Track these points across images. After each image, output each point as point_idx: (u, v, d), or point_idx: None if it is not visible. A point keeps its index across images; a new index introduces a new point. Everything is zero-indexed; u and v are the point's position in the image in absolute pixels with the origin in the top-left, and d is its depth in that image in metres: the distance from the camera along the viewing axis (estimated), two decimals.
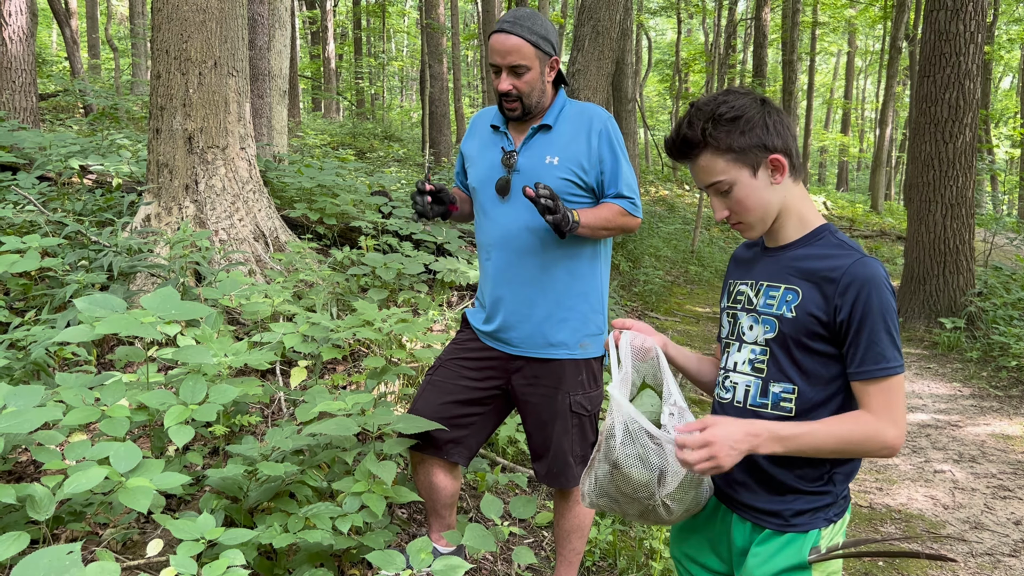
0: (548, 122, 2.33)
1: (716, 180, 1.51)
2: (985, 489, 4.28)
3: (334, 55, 24.37)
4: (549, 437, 2.39)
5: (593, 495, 1.59)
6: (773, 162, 1.50)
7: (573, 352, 2.36)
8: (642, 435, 1.44)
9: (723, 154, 1.49)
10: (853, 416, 1.44)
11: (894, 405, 1.42)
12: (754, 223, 1.54)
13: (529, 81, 2.25)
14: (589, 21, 7.03)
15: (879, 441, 1.42)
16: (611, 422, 1.48)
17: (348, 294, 4.50)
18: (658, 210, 15.75)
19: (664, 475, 1.46)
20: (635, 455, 1.45)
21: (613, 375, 1.54)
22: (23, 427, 1.88)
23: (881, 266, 1.45)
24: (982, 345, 7.36)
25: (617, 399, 1.47)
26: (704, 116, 1.49)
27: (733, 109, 1.48)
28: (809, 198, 1.59)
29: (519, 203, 2.31)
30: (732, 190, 1.51)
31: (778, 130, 1.50)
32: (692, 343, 7.36)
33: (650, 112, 36.67)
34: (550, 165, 2.29)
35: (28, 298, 3.78)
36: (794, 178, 1.54)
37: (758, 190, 1.51)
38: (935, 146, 7.99)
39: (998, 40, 23.81)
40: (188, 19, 4.33)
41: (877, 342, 1.41)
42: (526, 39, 2.22)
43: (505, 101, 2.28)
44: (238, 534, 1.93)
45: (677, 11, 22.87)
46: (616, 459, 1.47)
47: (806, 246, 1.53)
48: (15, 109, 7.93)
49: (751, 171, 1.49)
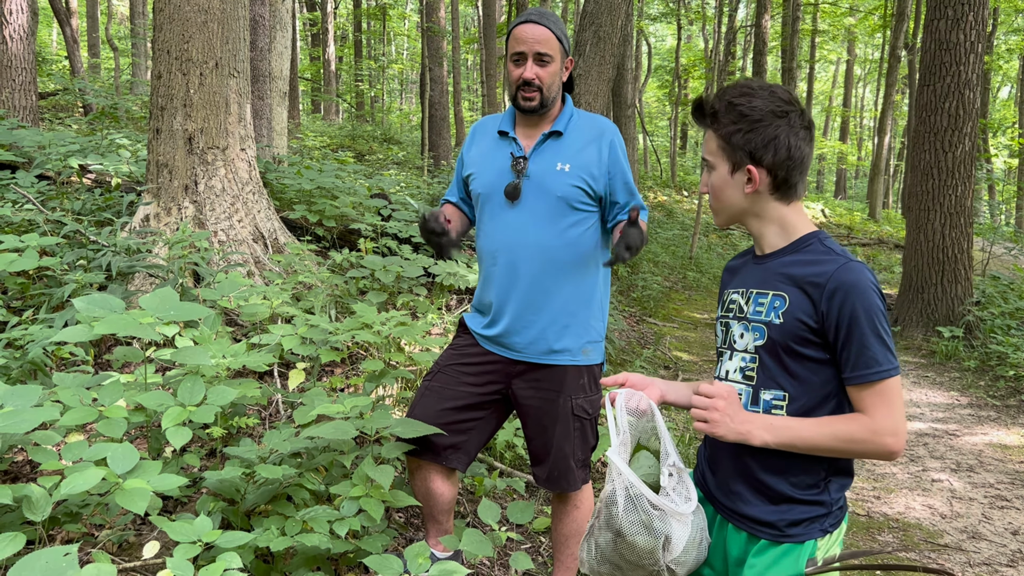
0: (559, 128, 2.34)
1: (706, 156, 1.56)
2: (983, 499, 4.27)
3: (334, 57, 24.39)
4: (550, 441, 2.39)
5: (594, 562, 1.56)
6: (749, 172, 1.50)
7: (576, 358, 2.36)
8: (643, 502, 1.44)
9: (718, 138, 1.53)
10: (852, 416, 1.44)
11: (891, 407, 1.41)
12: (719, 211, 1.59)
13: (552, 73, 2.30)
14: (591, 26, 7.04)
15: (877, 443, 1.41)
16: (611, 488, 1.47)
17: (347, 296, 4.50)
18: (657, 216, 15.76)
19: (669, 541, 1.45)
20: (639, 522, 1.44)
21: (612, 440, 1.52)
22: (20, 427, 1.87)
23: (867, 270, 1.45)
24: (980, 354, 7.37)
25: (617, 465, 1.46)
26: (726, 98, 1.51)
27: (749, 107, 1.48)
28: (801, 212, 1.57)
29: (528, 209, 2.31)
30: (712, 173, 1.56)
31: (777, 148, 1.48)
32: (690, 349, 7.36)
33: (649, 118, 36.73)
34: (561, 172, 2.30)
35: (26, 297, 3.77)
36: (778, 196, 1.53)
37: (730, 187, 1.54)
38: (934, 155, 8.01)
39: (997, 50, 23.90)
40: (190, 19, 4.33)
41: (868, 346, 1.41)
42: (553, 31, 2.29)
43: (524, 91, 2.30)
44: (235, 537, 1.92)
45: (677, 17, 22.92)
46: (620, 527, 1.45)
47: (793, 253, 1.53)
48: (15, 107, 7.92)
49: (731, 167, 1.53)
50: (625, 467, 1.46)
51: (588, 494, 2.51)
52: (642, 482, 1.46)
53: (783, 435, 1.44)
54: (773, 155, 1.48)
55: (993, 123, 24.28)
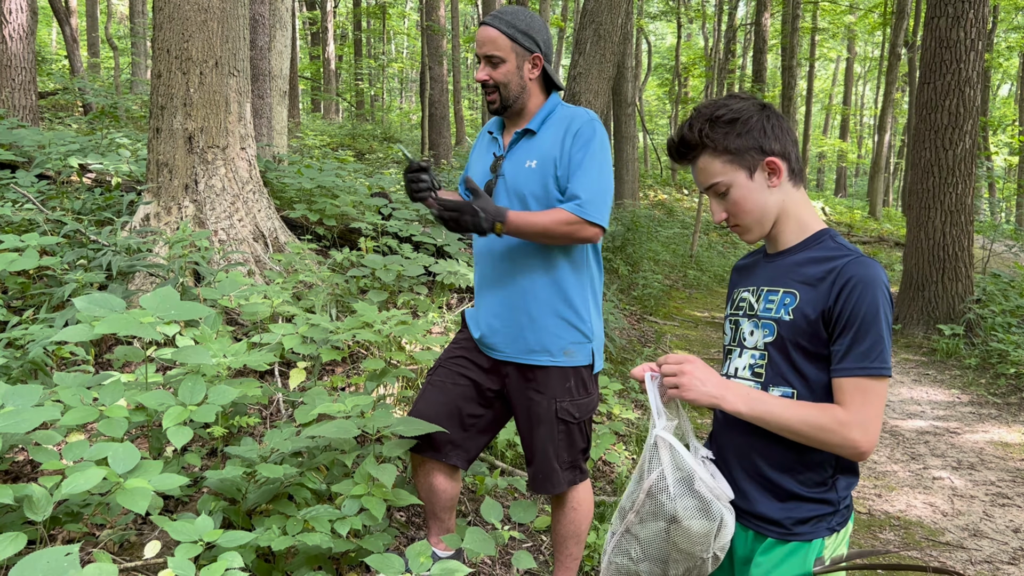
0: (532, 127, 2.33)
1: (714, 182, 1.52)
2: (984, 496, 4.27)
3: (334, 56, 24.38)
4: (535, 442, 2.38)
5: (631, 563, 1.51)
6: (769, 164, 1.51)
7: (556, 359, 2.33)
8: (700, 484, 1.41)
9: (720, 155, 1.51)
10: (823, 404, 1.43)
11: (867, 404, 1.39)
12: (751, 225, 1.55)
13: (505, 73, 2.28)
14: (591, 25, 7.04)
15: (843, 435, 1.38)
16: (658, 474, 1.43)
17: (347, 295, 4.49)
18: (657, 214, 15.76)
19: (723, 524, 1.44)
20: (694, 507, 1.41)
21: (656, 422, 1.46)
22: (21, 427, 1.86)
23: (880, 268, 1.44)
24: (980, 352, 7.36)
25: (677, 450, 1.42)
26: (703, 118, 1.51)
27: (731, 112, 1.50)
28: (809, 203, 1.59)
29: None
30: (729, 192, 1.52)
31: (776, 134, 1.51)
32: (691, 347, 7.36)
33: (649, 116, 36.71)
34: (529, 169, 2.29)
35: (26, 296, 3.77)
36: (794, 182, 1.54)
37: (754, 192, 1.52)
38: (935, 153, 8.01)
39: (997, 48, 23.88)
40: (189, 18, 4.32)
41: (862, 341, 1.39)
42: (503, 31, 2.27)
43: (485, 93, 2.34)
44: (236, 536, 1.92)
45: (677, 15, 22.92)
46: (675, 513, 1.42)
47: (806, 250, 1.53)
48: (14, 107, 7.91)
49: (747, 173, 1.51)
50: (683, 452, 1.42)
51: (585, 495, 2.50)
52: (699, 464, 1.43)
53: (756, 407, 1.43)
54: (776, 141, 1.51)
55: (993, 121, 24.26)
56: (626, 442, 4.31)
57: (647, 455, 1.46)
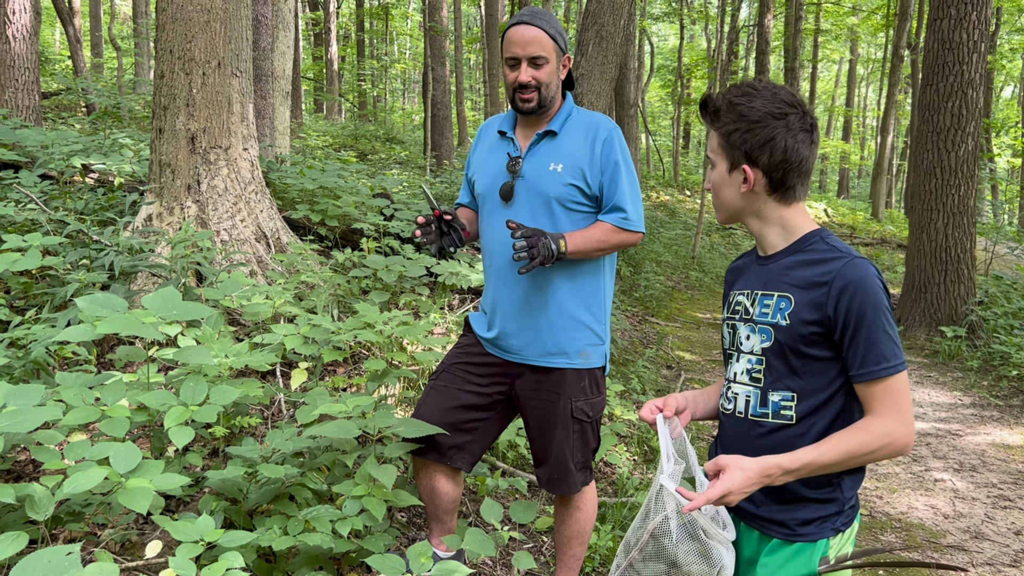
0: (554, 128, 2.32)
1: (709, 153, 1.58)
2: (985, 499, 4.26)
3: (337, 57, 24.40)
4: (550, 443, 2.38)
5: None
6: (744, 171, 1.51)
7: (573, 361, 2.34)
8: (699, 531, 1.42)
9: (719, 136, 1.53)
10: (860, 427, 1.43)
11: (900, 403, 1.41)
12: (718, 208, 1.61)
13: (548, 73, 2.28)
14: (593, 26, 7.04)
15: (891, 447, 1.41)
16: (662, 518, 1.44)
17: (349, 296, 4.50)
18: (659, 215, 15.74)
19: (723, 569, 1.45)
20: (694, 551, 1.42)
21: (664, 467, 1.46)
22: (23, 426, 1.87)
23: (872, 266, 1.45)
24: (983, 354, 7.35)
25: (673, 493, 1.41)
26: (730, 95, 1.52)
27: (748, 107, 1.49)
28: (803, 211, 1.56)
29: (522, 209, 2.30)
30: (713, 171, 1.58)
31: (773, 149, 1.47)
32: (693, 349, 7.35)
33: (652, 117, 36.69)
34: (554, 172, 2.28)
35: (29, 296, 3.78)
36: (776, 197, 1.53)
37: (727, 186, 1.55)
38: (937, 155, 8.00)
39: (1000, 50, 23.84)
40: (192, 19, 4.33)
41: (875, 342, 1.40)
42: (546, 31, 2.26)
43: (522, 93, 2.28)
44: (237, 536, 1.92)
45: (680, 17, 22.90)
46: (675, 558, 1.43)
47: (796, 253, 1.53)
48: (18, 107, 7.92)
49: (729, 166, 1.53)
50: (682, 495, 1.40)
51: (590, 496, 2.50)
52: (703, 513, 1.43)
53: (803, 474, 1.43)
54: (769, 156, 1.48)
55: (996, 123, 24.20)
56: (627, 443, 4.31)
57: (653, 495, 1.48)
